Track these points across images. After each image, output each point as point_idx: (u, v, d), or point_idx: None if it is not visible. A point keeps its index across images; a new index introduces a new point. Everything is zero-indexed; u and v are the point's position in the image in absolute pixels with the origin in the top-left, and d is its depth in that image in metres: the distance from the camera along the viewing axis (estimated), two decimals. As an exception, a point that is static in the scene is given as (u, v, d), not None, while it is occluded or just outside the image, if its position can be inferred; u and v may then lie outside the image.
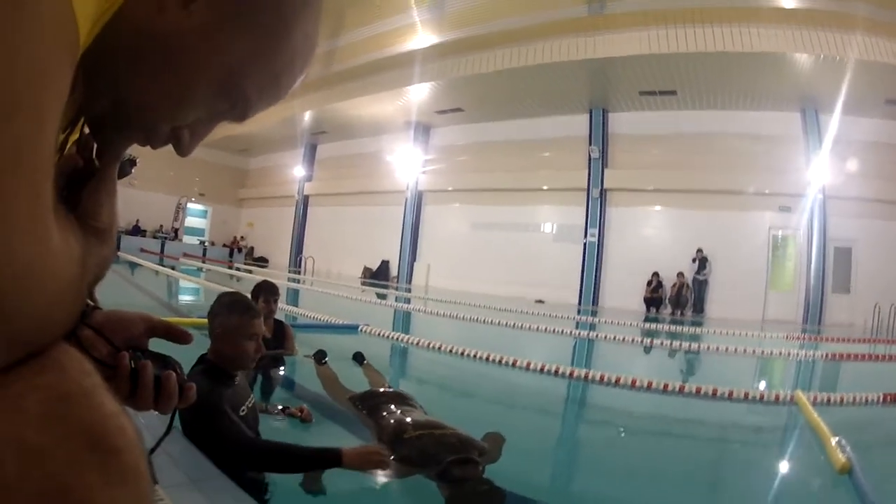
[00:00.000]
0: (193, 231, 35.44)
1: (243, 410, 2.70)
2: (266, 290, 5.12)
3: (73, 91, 0.56)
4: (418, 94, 22.33)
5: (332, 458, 2.62)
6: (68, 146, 0.76)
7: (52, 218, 0.53)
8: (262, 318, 2.92)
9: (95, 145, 0.76)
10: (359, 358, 5.92)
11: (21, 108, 0.47)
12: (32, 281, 0.51)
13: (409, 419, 3.52)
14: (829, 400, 5.72)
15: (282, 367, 5.37)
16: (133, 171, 0.89)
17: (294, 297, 15.26)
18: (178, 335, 0.84)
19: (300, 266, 29.37)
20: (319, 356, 5.70)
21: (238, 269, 26.04)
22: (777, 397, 5.86)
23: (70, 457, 0.52)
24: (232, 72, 0.69)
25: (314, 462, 2.69)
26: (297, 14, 0.71)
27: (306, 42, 0.73)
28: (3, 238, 0.47)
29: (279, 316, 5.78)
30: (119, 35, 0.62)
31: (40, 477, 0.50)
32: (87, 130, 0.76)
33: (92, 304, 0.76)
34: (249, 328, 2.74)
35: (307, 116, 26.88)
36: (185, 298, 13.77)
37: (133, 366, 0.75)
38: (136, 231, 30.84)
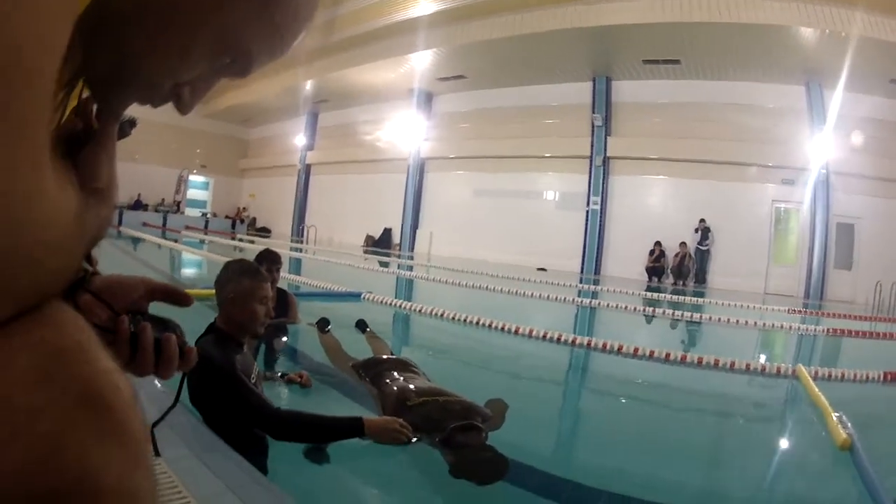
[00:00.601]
0: (195, 203, 35.33)
1: (253, 378, 2.72)
2: (268, 259, 5.09)
3: (72, 55, 0.56)
4: (420, 61, 22.14)
5: (354, 427, 2.68)
6: (66, 113, 0.74)
7: (49, 165, 0.51)
8: (270, 282, 2.94)
9: (94, 108, 0.75)
10: (362, 325, 5.95)
11: (19, 56, 0.46)
12: (27, 226, 0.50)
13: (412, 386, 3.54)
14: (830, 375, 5.74)
15: (284, 336, 5.38)
16: (132, 131, 0.86)
17: (297, 266, 15.28)
18: (178, 297, 0.83)
19: (302, 235, 29.39)
20: (322, 324, 5.72)
21: (241, 240, 26.05)
22: (778, 370, 5.88)
23: (62, 415, 0.51)
24: (232, 27, 0.69)
25: (337, 432, 2.74)
26: None
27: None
28: None
29: (282, 285, 5.78)
30: None
31: (31, 437, 0.49)
32: (85, 94, 0.75)
33: (91, 269, 0.75)
34: (260, 291, 2.77)
35: (308, 85, 26.69)
36: (188, 271, 13.82)
37: (132, 329, 0.74)
38: (138, 205, 30.56)
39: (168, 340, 0.78)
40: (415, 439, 2.88)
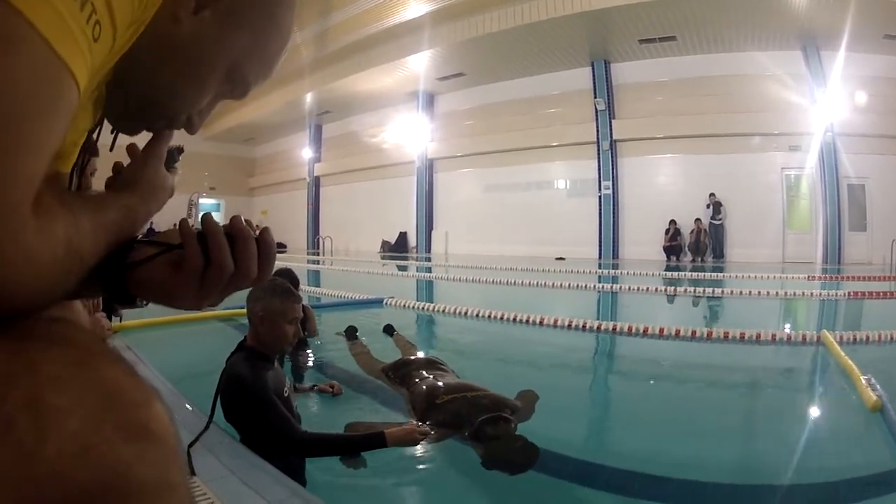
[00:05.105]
0: (209, 227, 35.32)
1: (286, 392, 2.77)
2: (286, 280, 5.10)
3: (96, 106, 0.75)
4: (418, 63, 22.16)
5: (377, 441, 2.72)
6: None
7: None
8: (301, 302, 2.96)
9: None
10: (389, 330, 6.04)
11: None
12: None
13: (440, 383, 3.58)
14: (855, 339, 5.70)
15: (307, 348, 5.42)
16: (179, 158, 0.98)
17: (315, 277, 15.34)
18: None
19: (318, 247, 29.49)
20: (351, 332, 5.80)
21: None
22: (804, 338, 5.85)
23: (88, 415, 0.53)
24: (236, 62, 0.83)
25: (361, 448, 2.79)
26: (283, 9, 0.85)
27: (289, 29, 0.88)
28: None
29: (303, 297, 5.82)
30: (142, 45, 0.73)
31: (62, 435, 0.51)
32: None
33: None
34: (290, 312, 2.80)
35: (309, 98, 26.82)
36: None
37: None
38: (151, 234, 30.61)
39: (237, 217, 0.78)
40: (433, 433, 2.92)
